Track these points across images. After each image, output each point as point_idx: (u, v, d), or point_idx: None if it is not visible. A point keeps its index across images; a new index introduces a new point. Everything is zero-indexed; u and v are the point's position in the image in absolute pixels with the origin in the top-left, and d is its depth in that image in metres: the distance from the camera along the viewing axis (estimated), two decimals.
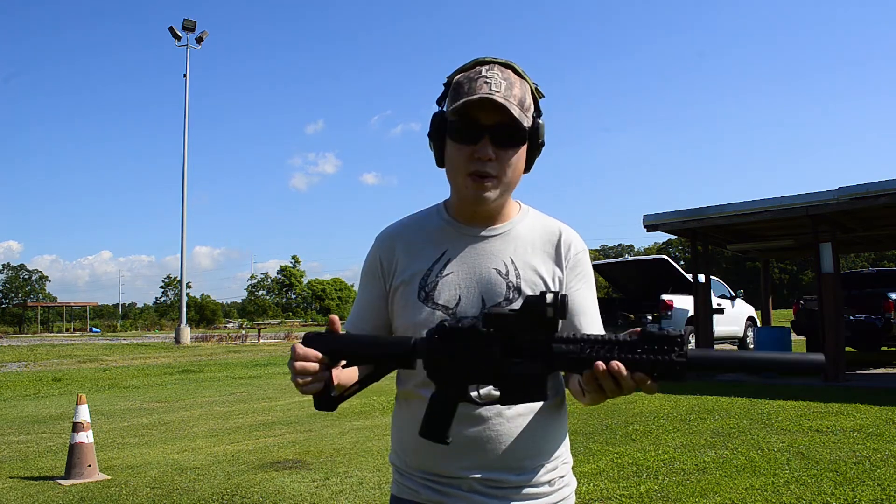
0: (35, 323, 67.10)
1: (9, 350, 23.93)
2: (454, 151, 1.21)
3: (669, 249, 70.17)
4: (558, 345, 1.00)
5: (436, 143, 1.24)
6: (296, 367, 1.05)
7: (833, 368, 9.32)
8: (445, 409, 1.07)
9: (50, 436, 7.08)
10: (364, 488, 4.58)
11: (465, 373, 1.05)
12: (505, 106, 1.15)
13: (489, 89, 1.16)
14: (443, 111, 1.24)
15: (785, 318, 15.39)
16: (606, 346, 0.98)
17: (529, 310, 1.00)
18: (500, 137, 1.18)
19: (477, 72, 1.19)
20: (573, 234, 1.33)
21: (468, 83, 1.18)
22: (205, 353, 20.94)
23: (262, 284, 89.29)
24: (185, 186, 29.99)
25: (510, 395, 1.03)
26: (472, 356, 1.03)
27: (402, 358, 1.08)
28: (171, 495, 4.59)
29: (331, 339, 1.09)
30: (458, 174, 1.22)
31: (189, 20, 31.73)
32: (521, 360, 1.01)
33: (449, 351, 1.05)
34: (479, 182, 1.20)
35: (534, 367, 1.01)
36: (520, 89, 1.20)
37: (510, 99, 1.17)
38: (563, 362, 1.00)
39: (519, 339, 1.01)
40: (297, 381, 1.06)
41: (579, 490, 4.29)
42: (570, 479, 1.30)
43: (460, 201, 1.27)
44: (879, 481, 4.26)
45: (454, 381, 1.06)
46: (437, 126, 1.23)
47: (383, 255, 1.31)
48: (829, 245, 9.78)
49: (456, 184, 1.24)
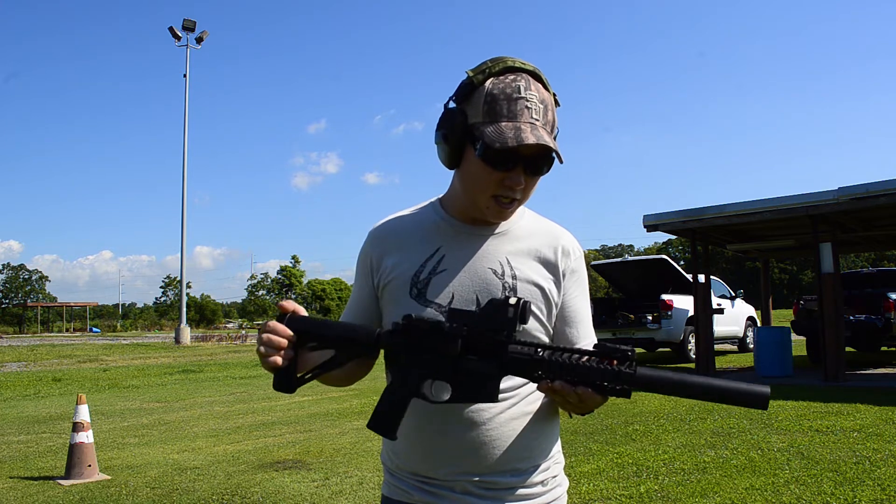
0: (35, 323, 67.14)
1: (9, 350, 23.93)
2: (482, 171, 1.15)
3: (669, 249, 70.13)
4: (514, 346, 1.01)
5: (453, 147, 1.17)
6: (263, 338, 1.08)
7: (833, 368, 9.32)
8: (398, 403, 1.06)
9: (50, 436, 7.08)
10: (364, 488, 4.58)
11: (421, 366, 1.05)
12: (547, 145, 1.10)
13: (530, 116, 1.11)
14: (464, 113, 1.15)
15: (785, 318, 15.38)
16: (557, 353, 0.99)
17: (493, 310, 1.00)
18: (534, 168, 1.15)
19: (514, 88, 1.12)
20: (571, 238, 1.32)
21: (507, 103, 1.11)
22: (205, 353, 20.94)
23: (262, 284, 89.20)
24: (185, 186, 30.04)
25: (460, 393, 1.04)
26: (431, 350, 1.04)
27: (365, 345, 1.08)
28: (171, 495, 4.59)
29: (301, 319, 1.09)
30: (481, 193, 1.17)
31: (189, 20, 31.75)
32: (477, 358, 1.02)
33: (409, 344, 1.05)
34: (503, 207, 1.18)
35: (487, 366, 1.02)
36: (552, 112, 1.16)
37: (547, 127, 1.14)
38: (514, 366, 1.01)
39: (478, 337, 1.02)
40: (261, 352, 1.08)
41: (579, 490, 4.29)
42: (562, 478, 1.30)
43: (471, 209, 1.24)
44: (879, 481, 4.26)
45: (410, 375, 1.06)
46: (457, 130, 1.15)
47: (374, 252, 1.29)
48: (829, 245, 9.77)
49: (475, 199, 1.20)
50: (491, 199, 1.17)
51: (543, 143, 1.09)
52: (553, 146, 1.11)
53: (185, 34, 31.84)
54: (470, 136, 1.15)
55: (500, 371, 1.02)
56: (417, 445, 1.20)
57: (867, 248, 17.63)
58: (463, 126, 1.15)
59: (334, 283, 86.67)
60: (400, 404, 1.06)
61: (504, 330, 1.01)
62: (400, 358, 1.06)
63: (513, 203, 1.18)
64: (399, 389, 1.06)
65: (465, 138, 1.16)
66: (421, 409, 1.15)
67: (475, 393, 1.03)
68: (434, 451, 1.18)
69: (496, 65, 1.15)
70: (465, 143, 1.17)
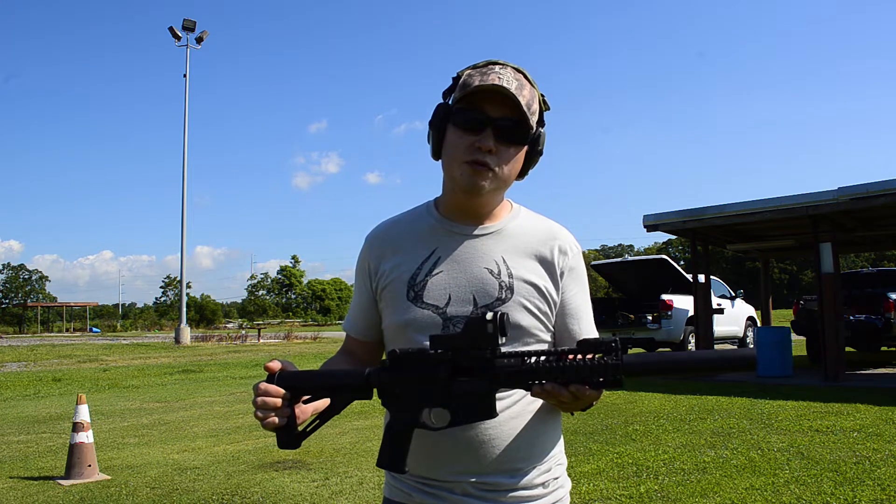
0: (35, 323, 67.11)
1: (9, 350, 23.93)
2: (455, 139, 1.19)
3: (669, 249, 70.13)
4: (500, 360, 1.02)
5: (436, 132, 1.22)
6: (258, 401, 1.07)
7: (833, 368, 9.32)
8: (401, 437, 1.07)
9: (50, 436, 7.08)
10: (364, 488, 4.58)
11: (415, 397, 1.06)
12: (513, 99, 1.15)
13: (500, 82, 1.15)
14: (448, 102, 1.23)
15: (785, 318, 15.38)
16: (544, 359, 1.00)
17: (472, 329, 1.01)
18: (504, 131, 1.18)
19: (490, 69, 1.19)
20: (568, 234, 1.32)
21: (480, 76, 1.17)
22: (205, 353, 20.94)
23: (262, 284, 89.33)
24: (185, 186, 30.04)
25: (459, 416, 1.04)
26: (421, 379, 1.05)
27: (358, 390, 1.09)
28: (171, 495, 4.59)
29: (290, 375, 1.10)
30: (455, 162, 1.20)
31: (189, 20, 31.75)
32: (467, 378, 1.03)
33: (399, 377, 1.06)
34: (477, 170, 1.18)
35: (479, 384, 1.02)
36: (529, 93, 1.19)
37: (520, 97, 1.16)
38: (505, 379, 1.02)
39: (464, 358, 1.03)
40: (258, 416, 1.07)
41: (579, 490, 4.29)
42: (564, 480, 1.29)
43: (453, 192, 1.25)
44: (879, 481, 4.26)
45: (407, 407, 1.06)
46: (440, 115, 1.22)
47: (371, 256, 1.30)
48: (829, 245, 9.77)
49: (451, 172, 1.22)
50: (464, 164, 1.19)
51: (506, 89, 1.14)
52: (518, 100, 1.15)
53: (185, 34, 31.84)
54: (449, 118, 1.21)
55: (491, 387, 1.03)
56: (417, 446, 1.20)
57: (867, 248, 17.63)
58: (445, 111, 1.21)
59: (334, 283, 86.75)
60: (403, 437, 1.07)
61: (487, 347, 1.01)
62: (394, 392, 1.07)
63: (485, 168, 1.18)
64: (399, 423, 1.07)
65: (445, 123, 1.21)
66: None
67: (472, 413, 1.04)
68: (433, 451, 1.18)
69: (481, 62, 1.22)
70: (446, 128, 1.21)
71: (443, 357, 1.03)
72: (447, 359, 1.03)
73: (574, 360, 0.99)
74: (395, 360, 1.07)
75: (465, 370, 1.03)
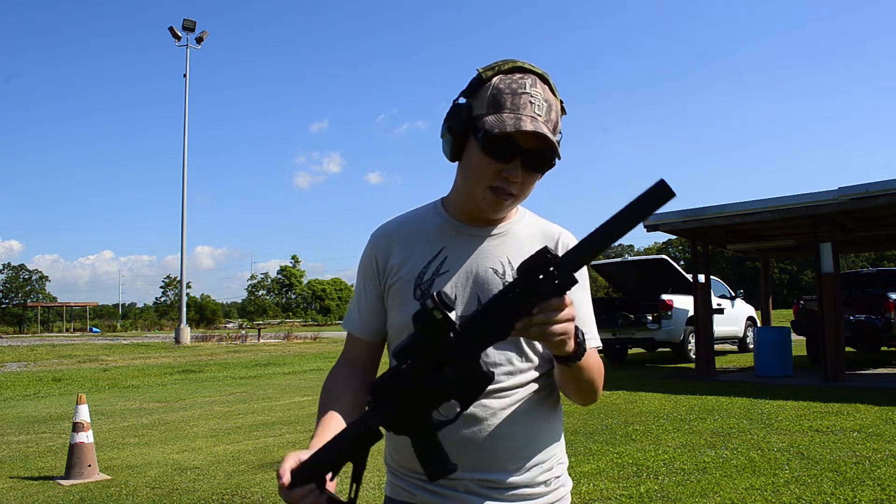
0: (35, 323, 67.10)
1: (9, 350, 23.93)
2: (481, 161, 1.16)
3: (669, 249, 70.16)
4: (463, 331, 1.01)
5: (456, 138, 1.19)
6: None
7: (833, 368, 9.32)
8: (432, 446, 1.06)
9: (50, 436, 7.08)
10: (364, 488, 4.58)
11: (417, 410, 1.05)
12: (547, 137, 1.12)
13: (532, 111, 1.13)
14: (470, 106, 1.18)
15: (785, 318, 15.37)
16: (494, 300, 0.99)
17: (423, 323, 1.00)
18: (532, 163, 1.16)
19: (519, 84, 1.15)
20: (571, 237, 1.32)
21: (511, 96, 1.14)
22: (205, 353, 20.93)
23: (263, 284, 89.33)
24: (185, 186, 30.03)
25: (464, 399, 1.04)
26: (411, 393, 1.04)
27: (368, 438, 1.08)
28: (171, 495, 4.59)
29: (305, 469, 1.09)
30: (478, 184, 1.18)
31: (189, 20, 31.73)
32: (450, 366, 1.02)
33: (393, 409, 1.05)
34: (499, 198, 1.18)
35: (461, 365, 1.02)
36: (556, 112, 1.18)
37: (549, 125, 1.15)
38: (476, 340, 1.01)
39: (432, 353, 1.02)
40: None
41: (579, 490, 4.29)
42: (565, 479, 1.29)
43: (469, 204, 1.25)
44: (879, 481, 4.26)
45: (417, 422, 1.05)
46: (461, 121, 1.17)
47: (378, 254, 1.30)
48: (829, 245, 9.77)
49: (472, 191, 1.21)
50: (488, 189, 1.18)
51: (541, 132, 1.11)
52: (551, 138, 1.12)
53: (185, 34, 31.83)
54: (473, 128, 1.17)
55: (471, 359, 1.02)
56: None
57: (867, 248, 17.64)
58: (468, 118, 1.17)
59: (334, 283, 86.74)
60: (434, 445, 1.06)
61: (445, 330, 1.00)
62: (398, 423, 1.06)
63: (509, 197, 1.18)
64: (421, 438, 1.07)
65: (468, 130, 1.18)
66: None
67: (474, 389, 1.03)
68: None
69: (506, 64, 1.18)
70: (468, 135, 1.18)
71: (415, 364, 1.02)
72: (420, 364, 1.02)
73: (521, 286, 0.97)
74: (379, 395, 1.06)
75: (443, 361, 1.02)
